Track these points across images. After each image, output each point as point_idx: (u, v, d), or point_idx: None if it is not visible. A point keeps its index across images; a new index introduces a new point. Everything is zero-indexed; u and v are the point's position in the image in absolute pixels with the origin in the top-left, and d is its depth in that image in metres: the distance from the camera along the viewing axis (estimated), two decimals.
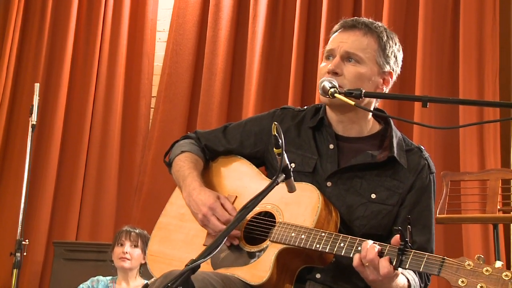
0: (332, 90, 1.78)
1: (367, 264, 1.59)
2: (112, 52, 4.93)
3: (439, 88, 4.15)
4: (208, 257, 1.40)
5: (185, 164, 2.02)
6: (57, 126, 4.81)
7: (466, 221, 3.58)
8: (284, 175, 1.61)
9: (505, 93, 4.09)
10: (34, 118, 3.76)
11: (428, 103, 1.68)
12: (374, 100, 1.91)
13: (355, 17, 1.93)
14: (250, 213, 1.65)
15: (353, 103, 1.75)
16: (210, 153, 2.11)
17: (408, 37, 4.34)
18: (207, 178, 2.05)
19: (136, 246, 3.62)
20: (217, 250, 1.42)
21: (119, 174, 4.80)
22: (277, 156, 1.60)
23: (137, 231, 3.66)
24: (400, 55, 1.94)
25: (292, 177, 1.63)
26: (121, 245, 3.62)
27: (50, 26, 4.99)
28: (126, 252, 3.58)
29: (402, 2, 4.38)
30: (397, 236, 1.59)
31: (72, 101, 4.93)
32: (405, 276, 1.72)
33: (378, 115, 1.93)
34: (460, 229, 3.93)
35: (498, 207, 3.11)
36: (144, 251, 3.59)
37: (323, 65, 1.90)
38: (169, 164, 2.11)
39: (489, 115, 3.94)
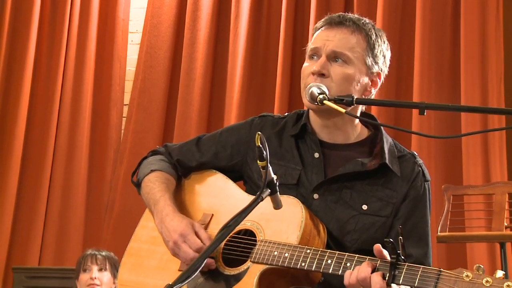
0: (321, 96, 1.80)
1: (359, 282, 1.58)
2: (79, 56, 4.93)
3: (439, 94, 4.18)
4: (186, 281, 1.40)
5: (155, 185, 2.01)
6: (17, 139, 4.79)
7: (470, 240, 3.59)
8: (269, 190, 1.61)
9: (511, 98, 4.13)
10: None
11: (426, 110, 1.70)
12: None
13: (341, 13, 1.94)
14: None
15: (343, 110, 1.77)
16: (183, 169, 2.09)
17: (404, 38, 4.38)
18: (180, 197, 2.05)
19: (104, 269, 3.58)
20: (195, 275, 1.41)
21: (88, 192, 4.79)
22: (261, 170, 1.59)
23: (103, 253, 3.62)
24: (388, 54, 1.95)
25: (278, 192, 1.63)
26: (87, 270, 3.57)
27: (10, 28, 4.97)
28: (95, 278, 3.54)
29: (397, 1, 4.42)
30: (377, 246, 1.59)
31: (35, 111, 4.91)
32: None
33: (368, 122, 1.94)
34: (465, 248, 3.95)
35: (505, 223, 3.12)
36: (113, 274, 3.56)
37: (307, 65, 1.91)
38: (138, 185, 2.09)
39: (494, 123, 3.97)
